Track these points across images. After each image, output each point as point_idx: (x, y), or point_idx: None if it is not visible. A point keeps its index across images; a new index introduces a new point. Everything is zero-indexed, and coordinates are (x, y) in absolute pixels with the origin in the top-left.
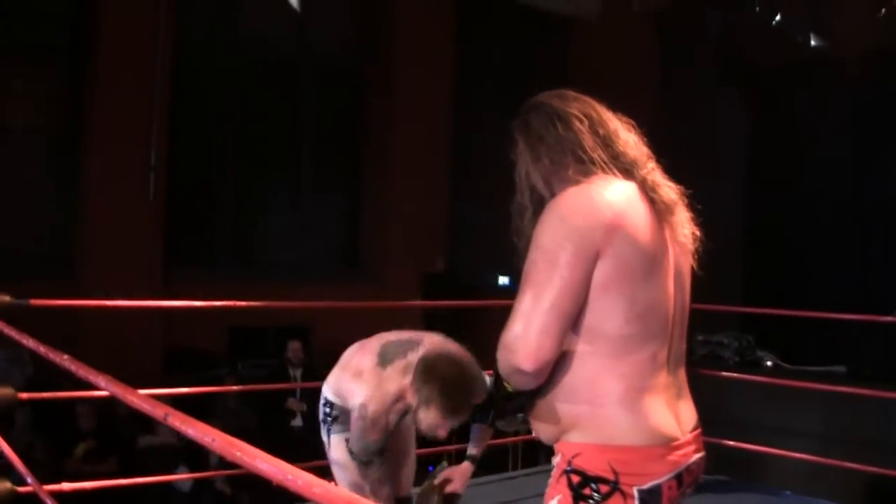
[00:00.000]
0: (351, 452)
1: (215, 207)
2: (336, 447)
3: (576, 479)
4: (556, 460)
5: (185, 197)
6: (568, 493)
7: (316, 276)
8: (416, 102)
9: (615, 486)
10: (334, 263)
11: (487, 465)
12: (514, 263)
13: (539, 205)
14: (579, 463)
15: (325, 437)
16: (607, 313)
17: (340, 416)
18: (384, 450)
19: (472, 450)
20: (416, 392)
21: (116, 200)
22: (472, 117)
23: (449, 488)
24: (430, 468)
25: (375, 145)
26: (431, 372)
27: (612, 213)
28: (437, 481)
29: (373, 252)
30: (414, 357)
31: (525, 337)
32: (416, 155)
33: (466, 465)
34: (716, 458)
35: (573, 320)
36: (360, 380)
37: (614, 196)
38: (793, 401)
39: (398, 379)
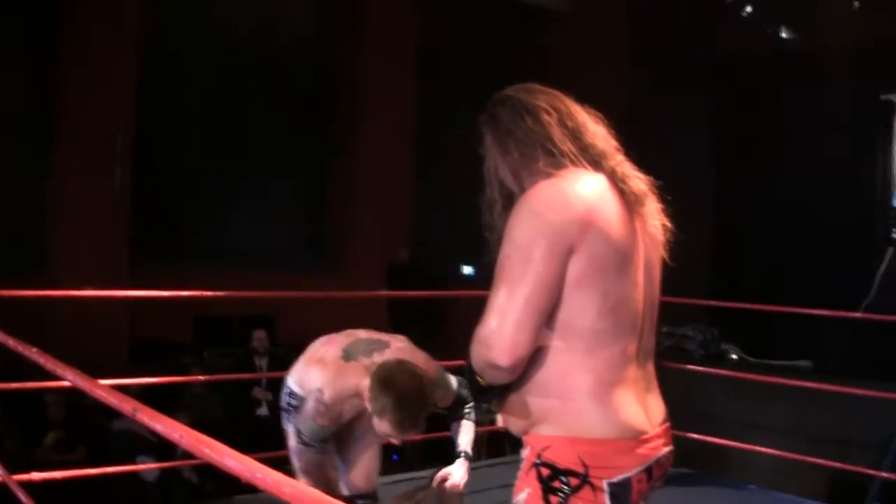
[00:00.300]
0: (298, 432)
1: (181, 198)
2: (295, 436)
3: (545, 471)
4: (525, 453)
5: (152, 188)
6: (537, 486)
7: (281, 266)
8: (383, 92)
9: (585, 479)
10: (300, 253)
11: (452, 455)
12: (486, 257)
13: (508, 199)
14: (549, 456)
15: (285, 426)
16: (580, 308)
17: (301, 405)
18: (329, 439)
19: (461, 446)
20: (372, 400)
21: (83, 192)
22: (438, 107)
23: (449, 485)
24: (395, 457)
25: (341, 136)
26: (389, 383)
27: (585, 207)
28: (434, 483)
29: (338, 242)
30: (379, 359)
31: (500, 332)
32: (382, 145)
33: (461, 462)
34: (680, 451)
35: (548, 316)
36: (321, 366)
37: (586, 190)
38: (758, 395)
39: (358, 376)
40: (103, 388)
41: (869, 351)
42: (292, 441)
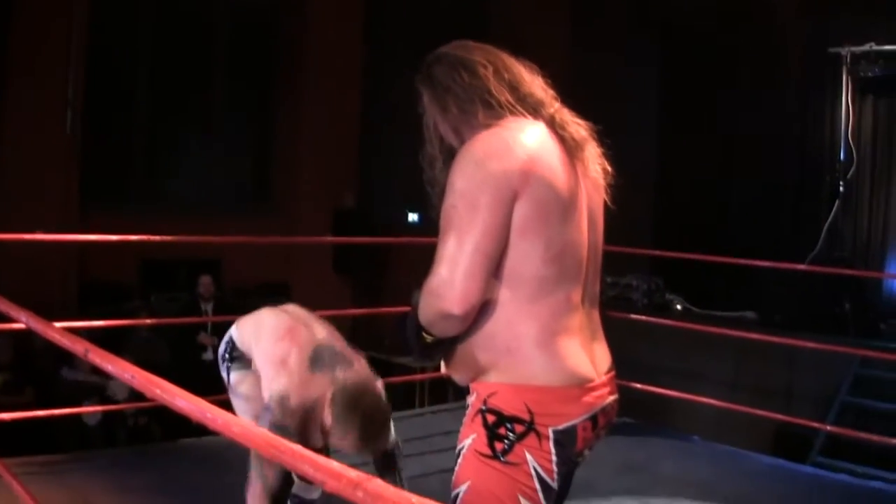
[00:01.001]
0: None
1: (130, 143)
2: (238, 382)
3: (491, 418)
4: (471, 399)
5: (101, 133)
6: (483, 433)
7: (227, 212)
8: (328, 39)
9: (530, 426)
10: (246, 199)
11: (396, 402)
12: (428, 211)
13: (449, 154)
14: (494, 402)
15: (223, 373)
16: (524, 256)
17: (240, 358)
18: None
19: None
20: (336, 419)
21: (34, 136)
22: (384, 55)
23: None
24: None
25: (287, 82)
26: (355, 405)
27: (527, 155)
28: None
29: (283, 188)
30: (341, 375)
31: (451, 281)
32: (328, 92)
33: None
34: (624, 401)
35: (496, 262)
36: (284, 369)
37: (527, 138)
38: (702, 346)
39: (322, 388)
40: (56, 330)
41: (814, 304)
42: (238, 387)
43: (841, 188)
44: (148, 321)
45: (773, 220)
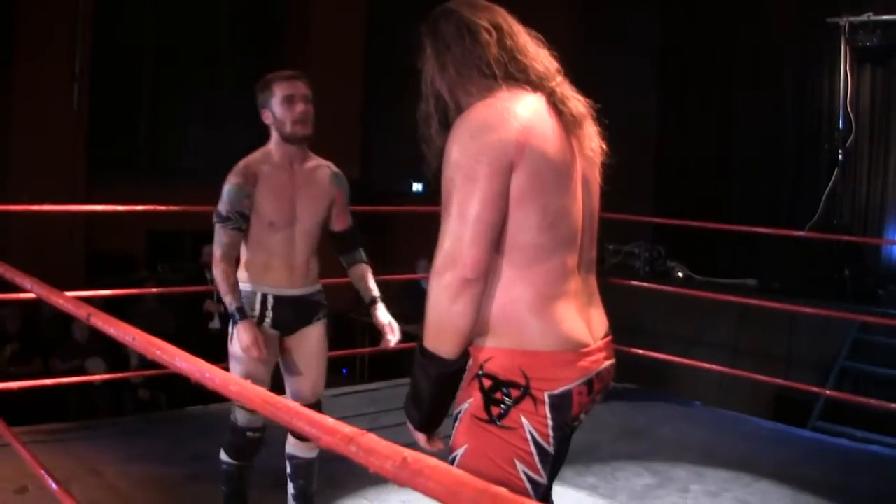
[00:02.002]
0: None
1: (136, 116)
2: (237, 339)
3: (487, 382)
4: (467, 364)
5: (108, 106)
6: (479, 397)
7: None
8: (332, 9)
9: (526, 391)
10: None
11: (397, 370)
12: (424, 171)
13: (444, 114)
14: (490, 367)
15: (231, 330)
16: (520, 225)
17: (245, 303)
18: (244, 215)
19: (374, 291)
20: (259, 91)
21: (41, 110)
22: (388, 24)
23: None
24: (344, 371)
25: (290, 52)
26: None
27: (522, 125)
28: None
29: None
30: None
31: (459, 250)
32: (331, 62)
33: (383, 309)
34: (627, 367)
35: (499, 230)
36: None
37: (521, 109)
38: (704, 312)
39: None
40: (60, 296)
41: (813, 270)
42: (234, 346)
43: (840, 156)
44: (154, 290)
45: (773, 188)
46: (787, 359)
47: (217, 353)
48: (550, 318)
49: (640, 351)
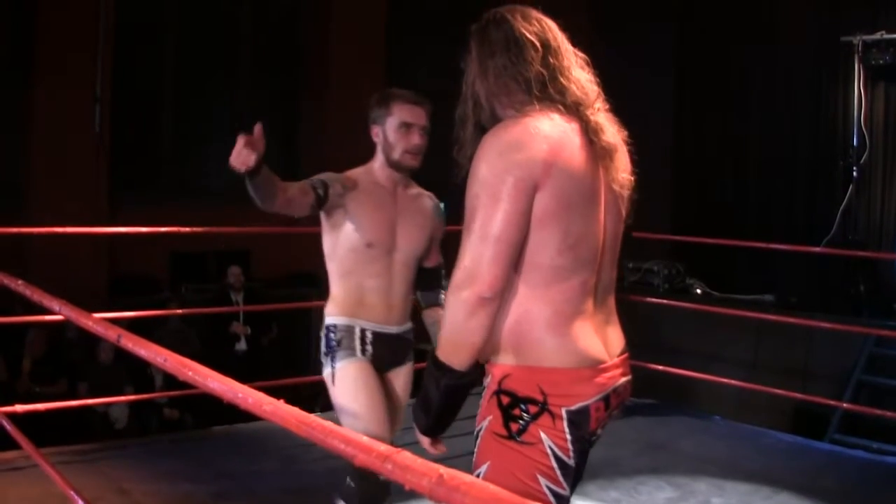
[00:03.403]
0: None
1: (158, 137)
2: (341, 381)
3: (505, 399)
4: (486, 381)
5: (130, 128)
6: (498, 414)
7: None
8: (353, 30)
9: (543, 407)
10: None
11: (415, 387)
12: (454, 176)
13: (478, 120)
14: (509, 384)
15: (327, 374)
16: (541, 245)
17: (344, 338)
18: (328, 191)
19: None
20: (373, 107)
21: (64, 132)
22: (409, 45)
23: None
24: None
25: (313, 74)
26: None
27: (550, 146)
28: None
29: (310, 176)
30: None
31: (478, 268)
32: (353, 83)
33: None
34: (647, 382)
35: (518, 250)
36: None
37: (552, 130)
38: (722, 328)
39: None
40: (90, 318)
41: (829, 285)
42: (340, 396)
43: (854, 173)
44: (179, 311)
45: (789, 206)
46: (804, 373)
47: (244, 375)
48: (567, 335)
49: (660, 367)
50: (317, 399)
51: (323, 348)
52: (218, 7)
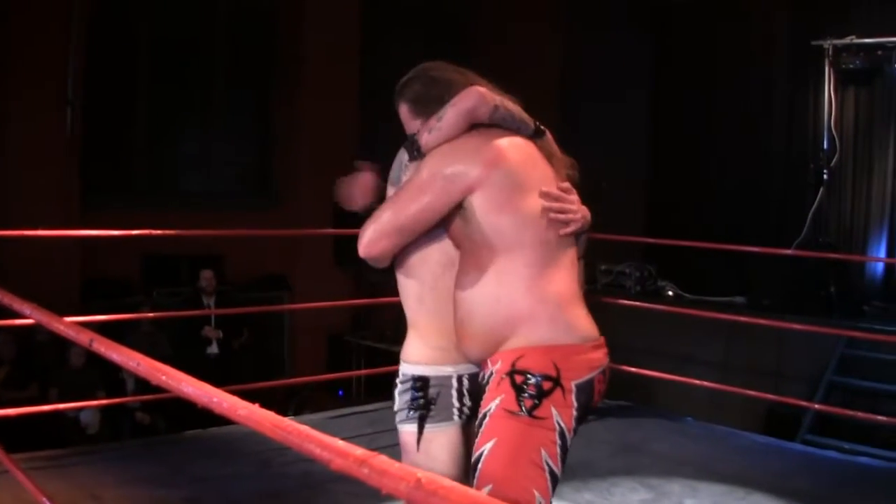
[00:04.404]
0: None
1: (130, 140)
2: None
3: (519, 378)
4: (494, 368)
5: (102, 130)
6: (511, 392)
7: (228, 206)
8: (326, 30)
9: (557, 382)
10: (246, 192)
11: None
12: None
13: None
14: (523, 364)
15: (408, 433)
16: (514, 226)
17: (440, 394)
18: None
19: None
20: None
21: (35, 134)
22: (383, 43)
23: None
24: (340, 392)
25: (285, 75)
26: None
27: (493, 153)
28: None
29: (284, 182)
30: None
31: (365, 232)
32: (327, 84)
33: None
34: (620, 384)
35: (410, 238)
36: None
37: (497, 138)
38: (694, 330)
39: None
40: (61, 322)
41: (801, 287)
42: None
43: (825, 176)
44: (150, 315)
45: (760, 208)
46: (776, 374)
47: (215, 379)
48: (571, 314)
49: (633, 369)
50: (289, 402)
51: (404, 404)
52: (192, 9)
